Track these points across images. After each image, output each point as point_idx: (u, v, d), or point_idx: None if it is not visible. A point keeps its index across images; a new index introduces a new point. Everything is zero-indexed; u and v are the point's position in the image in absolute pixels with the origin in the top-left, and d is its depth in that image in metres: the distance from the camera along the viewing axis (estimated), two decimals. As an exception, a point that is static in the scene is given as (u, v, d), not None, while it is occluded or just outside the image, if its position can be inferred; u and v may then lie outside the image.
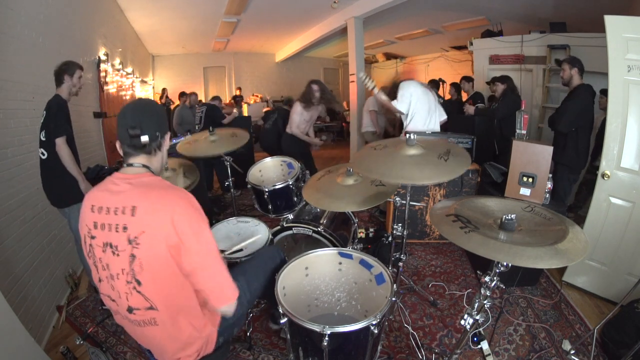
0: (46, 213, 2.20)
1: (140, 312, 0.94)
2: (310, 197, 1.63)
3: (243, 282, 1.26)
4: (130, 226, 0.88)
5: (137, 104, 1.06)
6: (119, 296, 0.94)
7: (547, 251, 0.88)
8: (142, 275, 0.90)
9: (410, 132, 1.56)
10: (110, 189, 0.94)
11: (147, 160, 1.00)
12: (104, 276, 0.95)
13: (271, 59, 10.01)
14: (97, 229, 0.92)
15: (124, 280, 0.91)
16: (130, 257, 0.89)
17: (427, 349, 1.75)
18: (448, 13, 5.71)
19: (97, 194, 0.96)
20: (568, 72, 2.49)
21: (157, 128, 1.00)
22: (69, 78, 1.98)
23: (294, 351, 1.26)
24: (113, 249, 0.90)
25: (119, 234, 0.89)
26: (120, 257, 0.90)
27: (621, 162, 1.98)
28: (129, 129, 0.95)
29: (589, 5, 3.98)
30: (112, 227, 0.90)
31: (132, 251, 0.88)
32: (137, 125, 0.95)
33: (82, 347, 1.75)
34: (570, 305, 2.09)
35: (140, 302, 0.93)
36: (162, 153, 1.06)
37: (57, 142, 1.86)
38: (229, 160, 2.42)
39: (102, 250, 0.92)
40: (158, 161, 1.05)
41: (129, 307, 0.94)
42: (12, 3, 2.06)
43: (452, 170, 1.31)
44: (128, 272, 0.90)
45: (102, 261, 0.93)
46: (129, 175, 0.96)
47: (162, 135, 1.03)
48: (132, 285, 0.91)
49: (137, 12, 5.33)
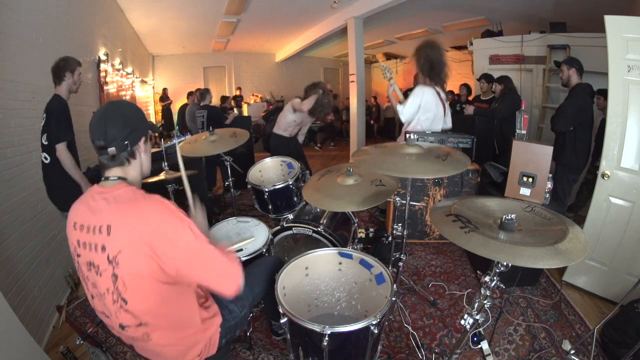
0: (46, 213, 2.20)
1: (132, 329, 0.93)
2: (310, 197, 1.63)
3: (246, 285, 1.26)
4: (107, 246, 0.86)
5: (102, 111, 0.94)
6: (110, 314, 0.93)
7: (547, 251, 0.88)
8: (127, 294, 0.88)
9: (410, 132, 1.57)
10: (89, 205, 0.91)
11: (121, 172, 0.95)
12: (95, 294, 0.94)
13: (271, 59, 10.01)
14: (81, 247, 0.91)
15: (111, 299, 0.90)
16: (113, 276, 0.87)
17: (427, 349, 1.75)
18: (448, 13, 5.71)
19: (78, 209, 0.94)
20: (566, 73, 2.50)
21: (125, 136, 0.92)
22: (70, 75, 1.94)
23: (294, 351, 1.26)
24: (96, 269, 0.89)
25: (99, 254, 0.87)
26: (104, 277, 0.88)
27: (621, 162, 1.98)
28: (95, 140, 0.91)
29: (589, 5, 3.98)
30: (92, 247, 0.88)
31: (113, 271, 0.86)
32: (102, 136, 0.90)
33: (82, 347, 1.75)
34: (570, 305, 2.08)
35: (130, 320, 0.92)
36: (140, 160, 1.00)
37: (57, 148, 1.83)
38: (229, 160, 2.42)
39: (88, 269, 0.91)
40: (135, 169, 0.99)
41: (120, 324, 0.93)
42: (12, 3, 2.06)
43: (451, 168, 1.34)
44: (113, 292, 0.88)
45: (89, 279, 0.92)
46: (105, 189, 0.92)
47: (134, 143, 0.95)
48: (119, 304, 0.89)
49: (137, 12, 5.34)
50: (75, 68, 1.96)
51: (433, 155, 1.44)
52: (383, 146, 1.63)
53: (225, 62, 9.36)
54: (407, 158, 1.44)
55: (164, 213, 0.89)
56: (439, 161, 1.38)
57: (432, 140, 2.69)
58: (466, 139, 2.74)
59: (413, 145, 1.49)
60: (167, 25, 6.17)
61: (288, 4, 5.53)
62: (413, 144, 1.49)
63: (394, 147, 1.56)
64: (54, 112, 1.84)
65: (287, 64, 10.14)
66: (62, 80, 1.92)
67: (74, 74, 1.95)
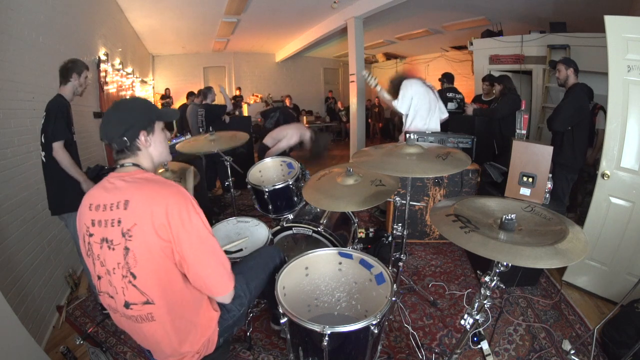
0: (46, 213, 2.18)
1: (137, 306, 0.95)
2: (310, 197, 1.63)
3: (242, 281, 1.26)
4: (123, 219, 0.90)
5: (106, 112, 1.04)
6: (116, 292, 0.95)
7: (547, 251, 0.87)
8: (136, 268, 0.91)
9: (410, 132, 1.58)
10: (105, 187, 0.97)
11: (134, 160, 1.03)
12: (102, 272, 0.96)
13: (271, 59, 10.02)
14: (95, 226, 0.94)
15: (120, 274, 0.92)
16: (124, 250, 0.90)
17: (427, 349, 1.75)
18: (448, 13, 5.71)
19: (94, 193, 0.99)
20: (564, 73, 2.50)
21: (122, 133, 0.99)
22: (77, 77, 1.94)
23: (294, 351, 1.26)
24: (109, 244, 0.92)
25: (114, 228, 0.91)
26: (116, 251, 0.91)
27: (621, 162, 1.99)
28: (101, 139, 1.02)
29: (589, 5, 3.98)
30: (108, 223, 0.92)
31: (125, 244, 0.90)
32: (104, 136, 1.00)
33: (82, 347, 1.75)
34: (570, 305, 2.09)
35: (137, 296, 0.93)
36: (148, 151, 1.05)
37: (54, 146, 1.81)
38: (229, 160, 2.42)
39: (100, 247, 0.94)
40: (146, 158, 1.05)
41: (126, 302, 0.95)
42: (12, 3, 2.06)
43: (451, 167, 1.35)
44: (123, 266, 0.91)
45: (99, 257, 0.95)
46: (122, 174, 0.99)
47: (133, 138, 1.01)
48: (128, 279, 0.92)
49: (137, 12, 5.33)
50: (83, 71, 1.96)
51: (433, 154, 1.45)
52: (383, 147, 1.64)
53: (225, 62, 9.36)
54: (408, 158, 1.45)
55: (180, 196, 0.95)
56: (440, 160, 1.39)
57: (432, 140, 2.70)
58: (466, 139, 2.74)
59: (413, 145, 1.49)
60: (167, 25, 6.17)
61: (288, 4, 5.53)
62: (413, 144, 1.50)
63: (394, 148, 1.57)
64: (53, 111, 1.84)
65: (287, 64, 10.14)
66: (68, 82, 1.92)
67: (80, 77, 1.95)
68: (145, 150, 1.05)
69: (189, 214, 0.94)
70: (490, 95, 3.96)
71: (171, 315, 0.98)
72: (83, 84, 2.00)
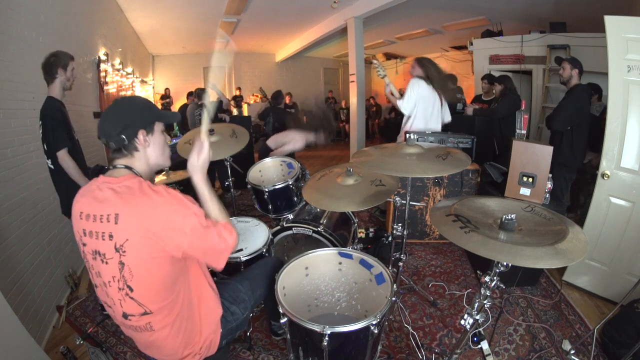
0: (46, 213, 2.20)
1: (135, 318, 0.94)
2: (310, 197, 1.63)
3: (248, 286, 1.31)
4: (115, 234, 0.88)
5: (106, 109, 1.01)
6: (113, 303, 0.94)
7: (547, 251, 0.87)
8: (133, 281, 0.89)
9: (410, 132, 1.58)
10: (95, 196, 0.93)
11: (128, 162, 0.99)
12: (99, 283, 0.95)
13: (271, 59, 10.01)
14: (87, 236, 0.92)
15: (116, 287, 0.91)
16: (120, 264, 0.88)
17: (427, 349, 1.75)
18: (448, 13, 5.71)
19: (83, 201, 0.95)
20: (568, 72, 2.49)
21: (120, 130, 0.95)
22: (62, 71, 1.79)
23: (294, 351, 1.26)
24: (102, 257, 0.90)
25: (106, 242, 0.88)
26: (110, 265, 0.89)
27: (621, 162, 1.99)
28: (98, 137, 0.99)
29: (589, 5, 3.98)
30: (99, 235, 0.89)
31: (120, 259, 0.88)
32: (102, 133, 0.97)
33: (82, 347, 1.75)
34: (570, 305, 2.09)
35: (134, 308, 0.92)
36: (146, 152, 1.02)
37: (58, 155, 1.76)
38: (229, 160, 2.41)
39: (92, 258, 0.92)
40: (140, 161, 1.01)
41: (124, 313, 0.94)
42: (12, 3, 2.06)
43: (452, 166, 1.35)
44: (119, 279, 0.90)
45: (94, 268, 0.94)
46: (111, 179, 0.94)
47: (131, 137, 0.97)
48: (125, 291, 0.90)
49: (137, 12, 5.33)
50: (68, 63, 1.81)
51: (433, 154, 1.45)
52: (383, 147, 1.64)
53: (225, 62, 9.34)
54: (408, 158, 1.44)
55: (171, 202, 0.92)
56: (440, 160, 1.39)
57: (432, 140, 2.70)
58: (466, 139, 2.74)
59: (413, 145, 1.49)
60: (167, 25, 6.16)
61: (288, 4, 5.53)
62: (413, 144, 1.50)
63: (394, 148, 1.57)
64: (49, 118, 1.74)
65: (287, 64, 10.13)
66: (55, 78, 1.78)
67: (66, 70, 1.80)
68: (143, 151, 1.01)
69: (183, 218, 0.91)
70: (490, 94, 3.96)
71: (171, 320, 0.98)
72: (71, 78, 1.84)
